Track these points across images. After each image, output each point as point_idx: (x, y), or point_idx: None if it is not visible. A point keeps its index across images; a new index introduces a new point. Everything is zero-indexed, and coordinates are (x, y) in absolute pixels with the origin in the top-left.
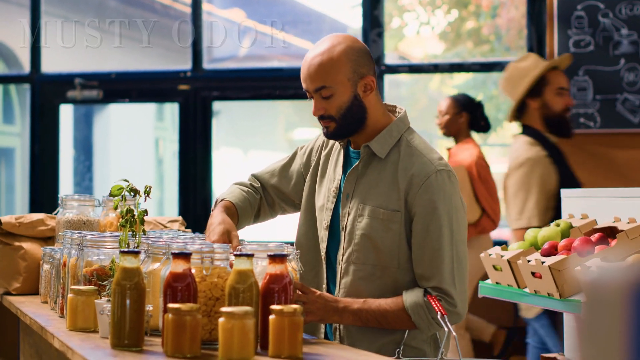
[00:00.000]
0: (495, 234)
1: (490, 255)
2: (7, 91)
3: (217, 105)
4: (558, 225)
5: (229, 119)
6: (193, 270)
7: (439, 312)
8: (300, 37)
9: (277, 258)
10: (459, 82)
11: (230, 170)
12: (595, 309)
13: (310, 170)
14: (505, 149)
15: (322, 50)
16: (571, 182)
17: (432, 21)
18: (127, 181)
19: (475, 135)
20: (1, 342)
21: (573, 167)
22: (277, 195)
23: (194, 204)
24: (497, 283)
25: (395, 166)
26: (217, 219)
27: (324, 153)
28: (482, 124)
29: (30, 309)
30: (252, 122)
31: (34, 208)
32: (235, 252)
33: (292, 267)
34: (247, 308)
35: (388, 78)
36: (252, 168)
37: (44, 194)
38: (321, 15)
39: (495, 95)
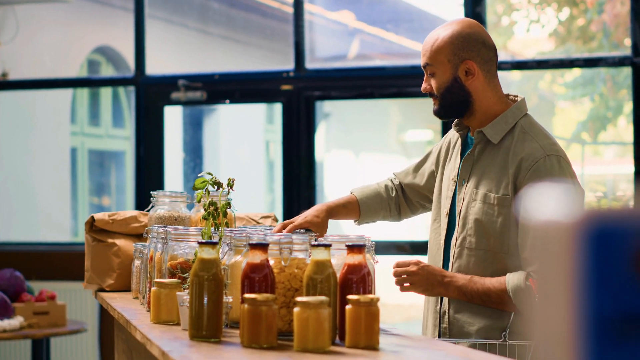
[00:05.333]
0: None
1: None
2: (116, 95)
3: (327, 108)
4: None
5: (340, 121)
6: (272, 262)
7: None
8: (403, 35)
9: (355, 248)
10: (568, 80)
11: (342, 173)
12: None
13: (440, 166)
14: (621, 147)
15: (434, 32)
16: None
17: (542, 19)
18: (211, 174)
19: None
20: (106, 338)
21: None
22: (413, 192)
23: (298, 204)
24: None
25: (508, 151)
26: (308, 210)
27: (450, 147)
28: None
29: (120, 304)
30: (363, 125)
31: (140, 209)
32: (313, 243)
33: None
34: (323, 298)
35: None
36: (363, 170)
37: (149, 196)
38: (423, 13)
39: (605, 93)
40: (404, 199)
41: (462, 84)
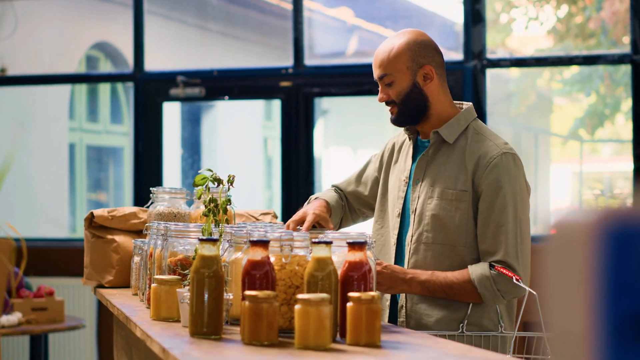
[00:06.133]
0: None
1: None
2: (114, 91)
3: (325, 104)
4: None
5: (338, 117)
6: (272, 259)
7: (513, 277)
8: None
9: (357, 245)
10: (566, 78)
11: (340, 169)
12: (562, 251)
13: (383, 171)
14: (618, 145)
15: (387, 43)
16: None
17: (540, 17)
18: (211, 171)
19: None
20: (104, 334)
21: None
22: (356, 201)
23: (297, 201)
24: None
25: (463, 150)
26: (314, 203)
27: (395, 151)
28: None
29: (120, 300)
30: (361, 121)
31: (138, 205)
32: (313, 240)
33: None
34: (324, 295)
35: (491, 72)
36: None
37: (148, 192)
38: (422, 10)
39: (602, 90)
40: (348, 208)
41: (420, 88)
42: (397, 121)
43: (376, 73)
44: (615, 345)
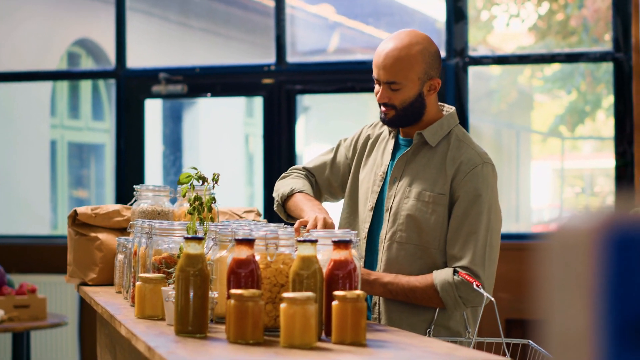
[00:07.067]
0: None
1: None
2: (96, 88)
3: (306, 101)
4: None
5: (319, 114)
6: (257, 257)
7: (473, 283)
8: (384, 29)
9: (342, 244)
10: (547, 75)
11: None
12: (562, 256)
13: (355, 159)
14: (599, 142)
15: (400, 46)
16: None
17: (521, 14)
18: (196, 169)
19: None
20: (86, 331)
21: None
22: (326, 187)
23: None
24: None
25: (444, 155)
26: (312, 203)
27: (370, 143)
28: None
29: (103, 298)
30: (342, 118)
31: (120, 203)
32: (298, 238)
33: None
34: (309, 293)
35: (472, 70)
36: None
37: (130, 189)
38: (404, 7)
39: (583, 87)
40: (316, 195)
41: (423, 98)
42: (391, 124)
43: (383, 76)
44: (615, 351)
